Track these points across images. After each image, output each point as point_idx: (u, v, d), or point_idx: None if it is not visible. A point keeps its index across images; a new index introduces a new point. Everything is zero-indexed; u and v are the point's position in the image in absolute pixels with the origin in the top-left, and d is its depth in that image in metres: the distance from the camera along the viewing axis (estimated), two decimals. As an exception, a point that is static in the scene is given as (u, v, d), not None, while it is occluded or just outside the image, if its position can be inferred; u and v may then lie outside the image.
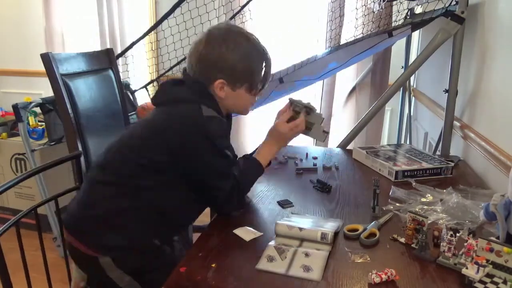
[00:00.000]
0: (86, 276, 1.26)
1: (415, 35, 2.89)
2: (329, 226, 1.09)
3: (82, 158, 1.58)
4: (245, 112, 1.33)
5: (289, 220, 1.13)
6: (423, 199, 1.28)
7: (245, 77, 1.21)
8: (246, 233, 1.09)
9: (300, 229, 1.05)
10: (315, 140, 3.03)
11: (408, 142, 3.01)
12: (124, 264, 1.12)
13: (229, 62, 1.17)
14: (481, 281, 0.85)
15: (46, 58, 1.63)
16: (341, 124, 3.08)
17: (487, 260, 0.87)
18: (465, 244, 0.92)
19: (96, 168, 1.21)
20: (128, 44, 2.72)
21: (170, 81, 1.23)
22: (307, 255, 0.97)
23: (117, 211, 1.12)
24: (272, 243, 1.04)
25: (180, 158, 1.11)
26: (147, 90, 3.06)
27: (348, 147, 1.99)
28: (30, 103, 2.32)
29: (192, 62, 1.20)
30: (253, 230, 1.10)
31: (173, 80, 1.23)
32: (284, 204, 1.28)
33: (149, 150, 1.12)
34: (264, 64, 1.24)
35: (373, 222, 1.13)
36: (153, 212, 1.14)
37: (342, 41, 2.61)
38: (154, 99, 1.23)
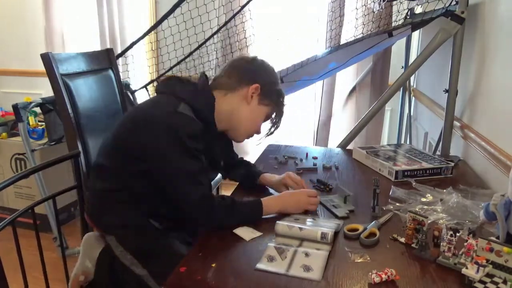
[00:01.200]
0: (89, 270, 1.28)
1: (415, 35, 2.89)
2: (329, 226, 1.09)
3: (81, 158, 1.58)
4: (242, 135, 1.32)
5: (289, 220, 1.13)
6: (423, 199, 1.29)
7: (273, 97, 1.29)
8: (246, 232, 1.09)
9: (300, 228, 1.05)
10: (315, 140, 3.04)
11: (408, 142, 3.01)
12: (124, 242, 1.20)
13: (268, 76, 1.30)
14: (481, 281, 0.85)
15: (46, 58, 1.63)
16: (341, 124, 3.08)
17: (487, 260, 0.87)
18: (465, 244, 0.92)
19: (97, 155, 1.32)
20: (128, 44, 2.71)
21: (178, 77, 1.27)
22: (307, 255, 0.97)
23: (113, 193, 1.21)
24: (272, 243, 1.04)
25: (149, 154, 1.13)
26: (147, 90, 3.06)
27: (348, 147, 1.99)
28: (30, 103, 2.32)
29: (230, 69, 1.29)
30: (253, 229, 1.10)
31: (183, 77, 1.27)
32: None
33: (123, 141, 1.18)
34: (282, 103, 1.33)
35: (373, 222, 1.13)
36: (142, 202, 1.20)
37: (342, 41, 2.61)
38: (157, 86, 1.29)
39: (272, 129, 1.36)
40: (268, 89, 1.28)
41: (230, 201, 1.15)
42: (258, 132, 1.33)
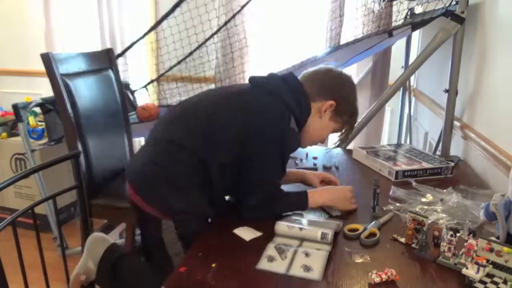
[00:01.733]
0: (90, 270, 1.28)
1: (415, 35, 2.88)
2: (329, 226, 1.09)
3: (82, 158, 1.58)
4: (306, 144, 1.35)
5: (289, 220, 1.13)
6: (423, 199, 1.28)
7: (345, 115, 1.30)
8: (246, 232, 1.09)
9: (300, 229, 1.05)
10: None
11: (408, 142, 3.01)
12: (181, 228, 1.21)
13: (346, 94, 1.30)
14: (481, 281, 0.85)
15: (46, 58, 1.63)
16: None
17: (487, 260, 0.87)
18: (465, 244, 0.93)
19: (164, 124, 1.27)
20: (128, 44, 2.72)
21: (278, 74, 1.30)
22: (307, 255, 0.97)
23: (184, 176, 1.19)
24: (272, 243, 1.04)
25: (249, 144, 1.16)
26: (147, 90, 3.06)
27: (348, 147, 1.99)
28: (30, 103, 2.32)
29: (316, 77, 1.29)
30: (253, 230, 1.10)
31: (282, 76, 1.28)
32: None
33: (220, 125, 1.18)
34: (354, 122, 1.36)
35: (373, 222, 1.13)
36: (209, 182, 1.20)
37: (342, 41, 2.61)
38: (253, 79, 1.28)
39: (338, 143, 1.41)
40: (343, 107, 1.29)
41: (281, 193, 1.23)
42: (322, 142, 1.37)
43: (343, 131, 1.35)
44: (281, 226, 1.07)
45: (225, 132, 1.18)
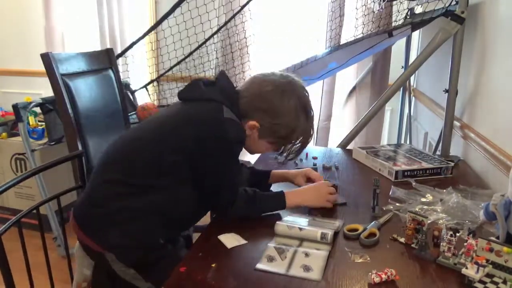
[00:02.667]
0: (89, 277, 1.27)
1: (415, 35, 2.88)
2: (329, 226, 1.09)
3: (83, 158, 1.58)
4: (252, 153, 1.33)
5: (289, 220, 1.13)
6: (423, 199, 1.29)
7: (277, 138, 1.22)
8: (230, 240, 1.06)
9: (300, 229, 1.05)
10: (315, 140, 3.04)
11: (408, 142, 3.01)
12: (127, 259, 1.13)
13: (274, 114, 1.18)
14: (481, 281, 0.85)
15: (46, 58, 1.63)
16: (341, 124, 3.08)
17: (487, 260, 0.87)
18: (465, 244, 0.93)
19: (103, 164, 1.20)
20: (128, 44, 2.72)
21: (202, 80, 1.22)
22: (307, 255, 0.98)
23: (123, 210, 1.12)
24: (272, 243, 1.04)
25: (195, 156, 1.10)
26: (147, 90, 3.06)
27: (348, 147, 1.99)
28: (30, 103, 2.32)
29: (249, 88, 1.21)
30: (239, 237, 1.07)
31: (206, 80, 1.23)
32: None
33: (163, 147, 1.11)
34: (300, 139, 1.25)
35: (373, 222, 1.13)
36: (159, 213, 1.14)
37: (342, 41, 2.61)
38: (180, 94, 1.22)
39: (289, 156, 1.30)
40: (272, 129, 1.20)
41: (253, 194, 1.19)
42: (273, 151, 1.30)
43: (289, 147, 1.26)
44: (281, 226, 1.08)
45: (165, 156, 1.11)
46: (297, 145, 1.27)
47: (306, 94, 1.24)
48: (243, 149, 1.24)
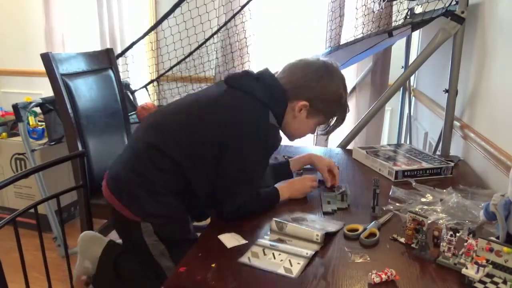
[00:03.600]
0: (89, 270, 1.28)
1: (415, 35, 2.89)
2: (329, 227, 1.09)
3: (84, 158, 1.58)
4: (293, 138, 1.37)
5: (288, 219, 1.13)
6: (423, 199, 1.28)
7: (325, 114, 1.29)
8: (229, 239, 1.06)
9: (296, 227, 1.06)
10: (315, 140, 3.05)
11: (408, 142, 3.01)
12: (161, 231, 1.17)
13: (323, 91, 1.25)
14: (481, 281, 0.85)
15: (46, 58, 1.63)
16: (341, 124, 3.08)
17: (487, 260, 0.87)
18: (465, 244, 0.93)
19: (147, 127, 1.23)
20: (128, 44, 2.72)
21: (254, 73, 1.28)
22: (295, 253, 0.98)
23: (163, 184, 1.17)
24: (263, 239, 1.05)
25: (230, 146, 1.15)
26: (147, 90, 3.06)
27: (348, 147, 1.99)
28: (30, 103, 2.32)
29: (292, 73, 1.26)
30: (239, 236, 1.08)
31: (257, 74, 1.27)
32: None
33: (203, 128, 1.16)
34: (343, 115, 1.33)
35: (373, 222, 1.13)
36: (187, 191, 1.18)
37: (342, 41, 2.61)
38: (229, 79, 1.26)
39: (326, 131, 1.38)
40: (319, 106, 1.26)
41: (255, 195, 1.22)
42: (311, 133, 1.36)
43: (332, 122, 1.34)
44: (277, 223, 1.08)
45: (203, 137, 1.17)
46: (336, 120, 1.34)
47: (341, 72, 1.32)
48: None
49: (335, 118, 1.33)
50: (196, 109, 1.21)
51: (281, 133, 1.32)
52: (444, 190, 1.32)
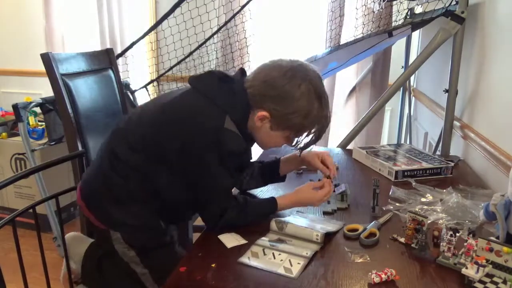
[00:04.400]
0: (76, 270, 1.28)
1: (415, 35, 2.88)
2: (329, 226, 1.09)
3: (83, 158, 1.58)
4: (263, 148, 1.26)
5: (288, 219, 1.13)
6: (423, 199, 1.28)
7: (291, 128, 1.13)
8: (229, 239, 1.06)
9: (296, 227, 1.06)
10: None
11: (408, 142, 3.01)
12: (130, 240, 1.15)
13: (290, 107, 1.09)
14: (480, 281, 0.85)
15: (46, 58, 1.63)
16: (341, 124, 3.08)
17: (487, 260, 0.87)
18: (465, 244, 0.92)
19: (111, 134, 1.19)
20: (128, 44, 2.72)
21: (220, 73, 1.16)
22: (294, 253, 0.98)
23: (123, 188, 1.13)
24: (262, 239, 1.05)
25: (186, 155, 1.07)
26: (147, 90, 3.06)
27: (348, 147, 1.99)
28: (30, 103, 2.32)
29: (256, 76, 1.12)
30: (239, 236, 1.07)
31: (223, 75, 1.15)
32: None
33: (161, 136, 1.09)
34: (315, 128, 1.15)
35: (373, 222, 1.13)
36: (156, 197, 1.14)
37: (342, 41, 2.61)
38: (190, 80, 1.15)
39: (298, 148, 1.21)
40: (281, 117, 1.10)
41: (243, 203, 1.14)
42: (284, 144, 1.21)
43: (303, 139, 1.18)
44: (277, 223, 1.08)
45: (161, 142, 1.09)
46: (312, 134, 1.16)
47: (319, 77, 1.14)
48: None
49: (306, 133, 1.16)
50: (154, 113, 1.14)
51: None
52: (444, 190, 1.32)
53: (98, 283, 1.25)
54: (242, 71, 1.19)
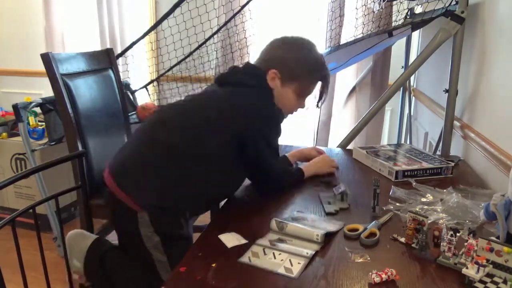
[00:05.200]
0: (79, 269, 1.28)
1: (415, 35, 2.89)
2: (329, 226, 1.09)
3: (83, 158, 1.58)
4: (285, 113, 1.42)
5: (288, 219, 1.13)
6: (423, 199, 1.28)
7: (296, 78, 1.35)
8: (230, 239, 1.06)
9: (296, 227, 1.06)
10: (315, 140, 3.05)
11: (408, 142, 3.01)
12: (157, 222, 1.18)
13: (287, 58, 1.35)
14: (481, 281, 0.85)
15: (46, 58, 1.63)
16: (341, 124, 3.08)
17: (487, 260, 0.87)
18: (465, 244, 0.92)
19: (154, 123, 1.30)
20: (128, 44, 2.72)
21: (234, 67, 1.41)
22: (295, 253, 0.98)
23: (169, 176, 1.20)
24: (263, 239, 1.04)
25: (244, 138, 1.22)
26: (147, 90, 3.06)
27: (348, 147, 1.99)
28: (30, 103, 2.32)
29: (264, 50, 1.42)
30: (239, 236, 1.07)
31: (235, 67, 1.40)
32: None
33: (214, 131, 1.23)
34: (319, 76, 1.40)
35: (373, 222, 1.13)
36: (191, 186, 1.21)
37: (342, 41, 2.61)
38: (219, 79, 1.37)
39: (319, 103, 1.48)
40: (291, 70, 1.34)
41: (288, 170, 1.47)
42: (301, 107, 1.43)
43: (313, 88, 1.42)
44: (277, 222, 1.08)
45: (222, 133, 1.23)
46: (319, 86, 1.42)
47: (313, 44, 1.45)
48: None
49: (316, 83, 1.41)
50: (206, 107, 1.28)
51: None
52: (444, 190, 1.32)
53: (101, 280, 1.26)
54: (247, 62, 1.43)
